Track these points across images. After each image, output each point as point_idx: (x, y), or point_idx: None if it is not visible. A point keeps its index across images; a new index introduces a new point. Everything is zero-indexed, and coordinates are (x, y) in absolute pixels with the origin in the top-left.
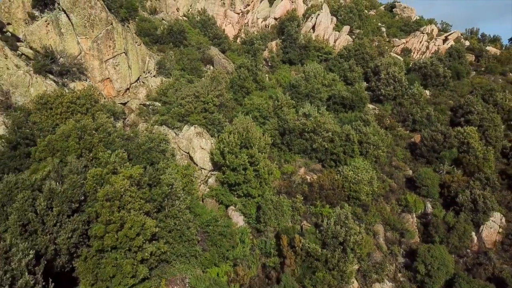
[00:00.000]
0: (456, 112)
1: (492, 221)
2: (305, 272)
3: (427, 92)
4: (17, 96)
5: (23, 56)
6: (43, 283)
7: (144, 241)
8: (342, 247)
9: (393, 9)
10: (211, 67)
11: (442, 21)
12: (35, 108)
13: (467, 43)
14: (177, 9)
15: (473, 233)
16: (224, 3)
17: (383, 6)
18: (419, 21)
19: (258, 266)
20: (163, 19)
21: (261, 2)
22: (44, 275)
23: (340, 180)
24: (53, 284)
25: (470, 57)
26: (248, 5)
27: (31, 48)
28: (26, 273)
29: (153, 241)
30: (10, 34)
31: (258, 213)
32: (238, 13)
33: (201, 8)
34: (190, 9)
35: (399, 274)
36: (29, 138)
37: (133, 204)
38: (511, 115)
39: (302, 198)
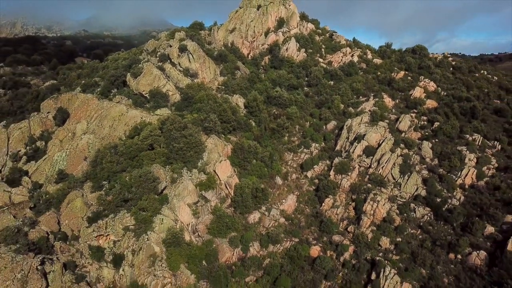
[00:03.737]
0: (338, 90)
1: (329, 127)
2: (272, 135)
3: (332, 82)
4: (180, 84)
5: (178, 70)
6: None
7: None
8: (282, 127)
9: (332, 36)
10: (239, 72)
11: (360, 42)
12: (186, 88)
13: (369, 56)
14: (219, 40)
15: (324, 126)
16: (242, 36)
17: (328, 33)
18: (341, 45)
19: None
20: (214, 47)
21: (260, 36)
22: None
23: (288, 112)
24: None
25: (363, 65)
26: (254, 37)
27: (181, 67)
28: None
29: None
30: (170, 62)
31: (259, 121)
32: (249, 42)
33: (231, 41)
34: (224, 40)
35: (300, 136)
36: (188, 96)
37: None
38: (358, 92)
39: (273, 117)
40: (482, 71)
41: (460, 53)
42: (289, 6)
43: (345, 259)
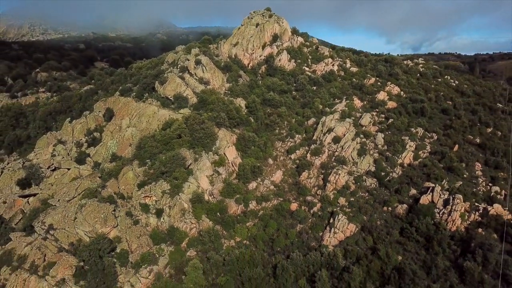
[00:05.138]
0: (319, 93)
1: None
2: (266, 128)
3: (314, 88)
4: (196, 90)
5: (194, 79)
6: None
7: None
8: (274, 123)
9: (318, 48)
10: (241, 79)
11: (342, 52)
12: (201, 93)
13: (348, 64)
14: (225, 53)
15: (306, 122)
16: (243, 49)
17: (314, 45)
18: (325, 56)
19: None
20: (221, 59)
21: (258, 48)
22: None
23: (279, 111)
24: None
25: (342, 73)
26: (253, 50)
27: (196, 76)
28: None
29: None
30: (188, 73)
31: (257, 118)
32: (249, 54)
33: (235, 53)
34: (229, 52)
35: (288, 129)
36: (203, 99)
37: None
38: (334, 95)
39: (267, 115)
40: (446, 76)
41: (456, 52)
42: (282, 23)
43: (314, 211)
